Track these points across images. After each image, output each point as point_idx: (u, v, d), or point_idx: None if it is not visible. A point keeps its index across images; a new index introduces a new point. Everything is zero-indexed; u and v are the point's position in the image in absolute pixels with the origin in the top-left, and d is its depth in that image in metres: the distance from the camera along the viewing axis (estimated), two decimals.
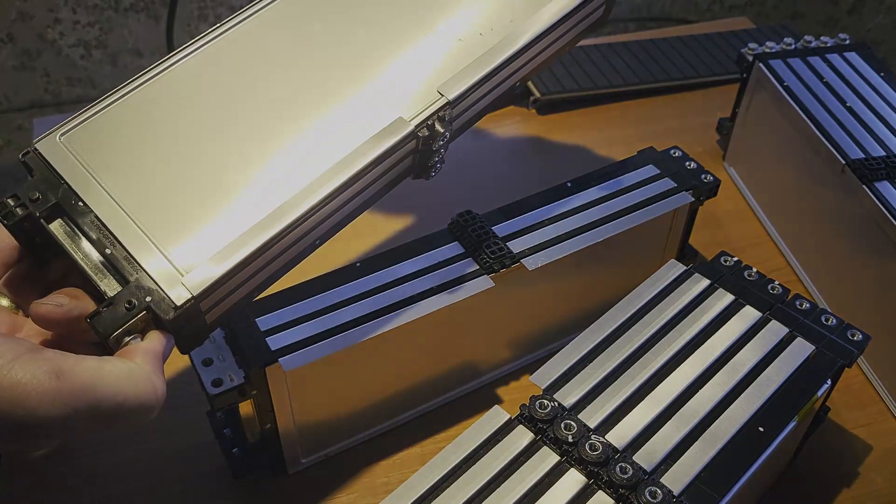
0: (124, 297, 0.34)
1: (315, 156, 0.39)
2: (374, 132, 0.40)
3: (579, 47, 0.89)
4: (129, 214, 0.36)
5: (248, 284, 0.39)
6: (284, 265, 0.40)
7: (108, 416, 0.31)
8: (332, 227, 0.42)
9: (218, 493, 0.50)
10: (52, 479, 0.51)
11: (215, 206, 0.37)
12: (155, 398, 0.33)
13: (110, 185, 0.36)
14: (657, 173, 0.58)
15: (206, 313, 0.37)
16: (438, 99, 0.41)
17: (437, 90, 0.41)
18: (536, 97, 0.83)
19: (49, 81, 1.59)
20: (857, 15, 1.63)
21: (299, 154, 0.39)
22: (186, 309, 0.35)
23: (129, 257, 0.35)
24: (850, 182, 0.59)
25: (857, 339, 0.46)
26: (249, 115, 0.40)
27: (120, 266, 0.35)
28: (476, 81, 0.42)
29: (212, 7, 1.63)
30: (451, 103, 0.41)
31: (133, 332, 0.34)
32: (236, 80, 0.41)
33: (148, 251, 0.35)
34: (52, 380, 0.30)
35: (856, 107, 0.65)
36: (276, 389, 0.45)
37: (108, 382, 0.31)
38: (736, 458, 0.40)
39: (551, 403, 0.41)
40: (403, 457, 0.53)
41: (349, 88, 0.42)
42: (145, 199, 0.37)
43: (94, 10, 1.53)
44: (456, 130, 0.45)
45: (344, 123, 0.40)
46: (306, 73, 0.42)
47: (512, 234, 0.52)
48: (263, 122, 0.40)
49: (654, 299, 0.48)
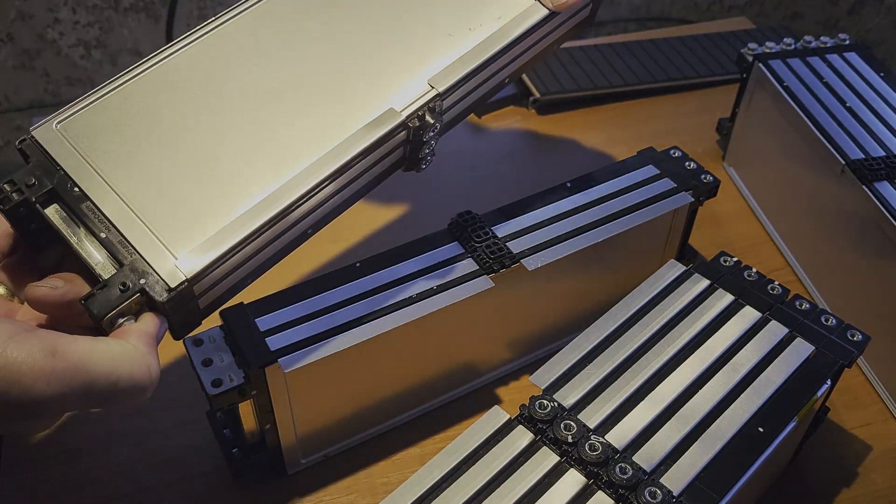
0: (118, 279, 0.34)
1: (307, 145, 0.40)
2: (366, 122, 0.41)
3: (579, 47, 0.89)
4: (124, 200, 0.37)
5: (241, 270, 0.39)
6: (277, 252, 0.41)
7: (102, 395, 0.32)
8: (324, 217, 0.42)
9: (218, 493, 0.50)
10: (52, 479, 0.51)
11: (209, 193, 0.38)
12: (149, 378, 0.33)
13: (106, 172, 0.37)
14: (657, 173, 0.58)
15: (199, 297, 0.37)
16: (429, 91, 0.42)
17: (428, 82, 0.43)
18: (536, 97, 0.83)
19: (49, 81, 1.59)
20: (857, 15, 1.63)
21: (292, 143, 0.40)
22: (180, 291, 0.35)
23: (125, 241, 0.35)
24: (850, 182, 0.59)
25: (856, 339, 0.46)
26: (243, 106, 0.41)
27: (115, 250, 0.35)
28: (466, 74, 0.43)
29: (211, 7, 1.63)
30: (441, 95, 0.42)
31: (127, 314, 0.34)
32: (230, 72, 0.42)
33: (143, 235, 0.36)
34: (47, 358, 0.30)
35: (856, 107, 0.65)
36: (276, 390, 0.45)
37: (102, 361, 0.32)
38: (736, 459, 0.40)
39: (551, 404, 0.41)
40: (403, 457, 0.53)
41: (342, 81, 0.42)
42: (140, 185, 0.37)
43: (93, 10, 1.53)
44: (446, 123, 0.46)
45: (336, 114, 0.41)
46: (299, 65, 0.43)
47: (512, 234, 0.52)
48: (256, 112, 0.41)
49: (654, 299, 0.48)
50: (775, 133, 0.69)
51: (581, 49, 0.89)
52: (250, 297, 0.48)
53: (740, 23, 1.00)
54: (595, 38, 0.96)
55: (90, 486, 0.50)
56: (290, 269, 0.64)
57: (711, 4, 1.62)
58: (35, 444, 0.52)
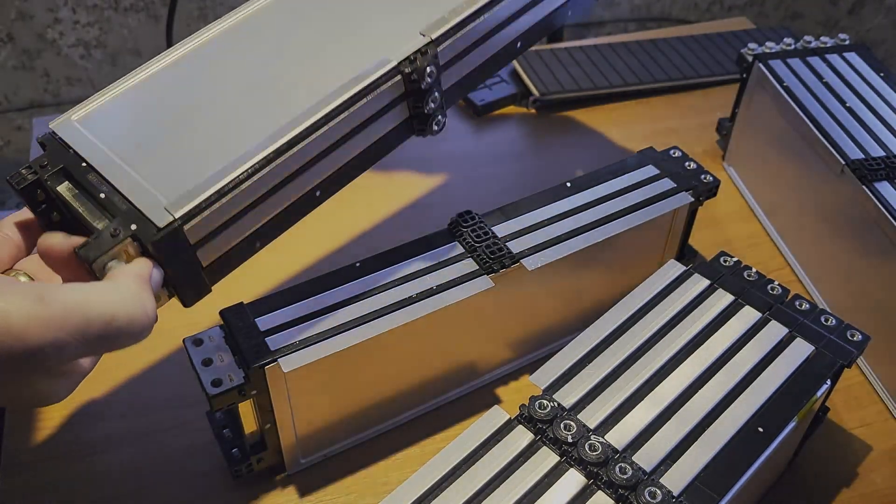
0: (111, 227, 0.35)
1: (302, 98, 0.41)
2: (359, 73, 0.42)
3: (579, 47, 0.89)
4: (126, 165, 0.38)
5: (244, 223, 0.39)
6: (285, 212, 0.41)
7: (99, 336, 0.32)
8: (330, 176, 0.42)
9: (218, 493, 0.50)
10: (52, 479, 0.51)
11: (207, 151, 0.39)
12: (144, 314, 0.33)
13: (113, 148, 0.39)
14: (657, 173, 0.58)
15: (196, 247, 0.37)
16: (421, 39, 0.43)
17: (420, 32, 0.43)
18: (536, 97, 0.83)
19: (49, 81, 1.59)
20: (857, 15, 1.63)
21: (287, 100, 0.41)
22: (170, 233, 0.36)
23: (122, 197, 0.37)
24: (850, 182, 0.59)
25: (856, 339, 0.46)
26: (244, 78, 0.42)
27: (111, 206, 0.37)
28: (459, 22, 0.44)
29: (211, 7, 1.63)
30: (434, 42, 0.43)
31: (119, 258, 0.35)
32: (233, 56, 0.44)
33: (135, 186, 0.37)
34: (35, 304, 0.30)
35: (855, 107, 0.65)
36: (276, 390, 0.45)
37: (93, 301, 0.32)
38: (736, 459, 0.40)
39: (551, 403, 0.41)
40: (403, 457, 0.53)
41: (337, 43, 0.44)
42: (144, 155, 0.39)
43: (93, 10, 1.53)
44: (455, 86, 0.46)
45: (332, 74, 0.42)
46: (296, 34, 0.44)
47: (512, 234, 0.52)
48: (257, 83, 0.42)
49: (654, 299, 0.48)
50: (775, 133, 0.69)
51: (581, 49, 0.89)
52: (250, 296, 0.48)
53: (740, 23, 1.00)
54: (595, 38, 0.96)
55: (90, 486, 0.50)
56: (290, 269, 0.64)
57: (711, 4, 1.62)
58: (35, 443, 0.52)
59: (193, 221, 0.36)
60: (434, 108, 0.45)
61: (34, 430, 0.53)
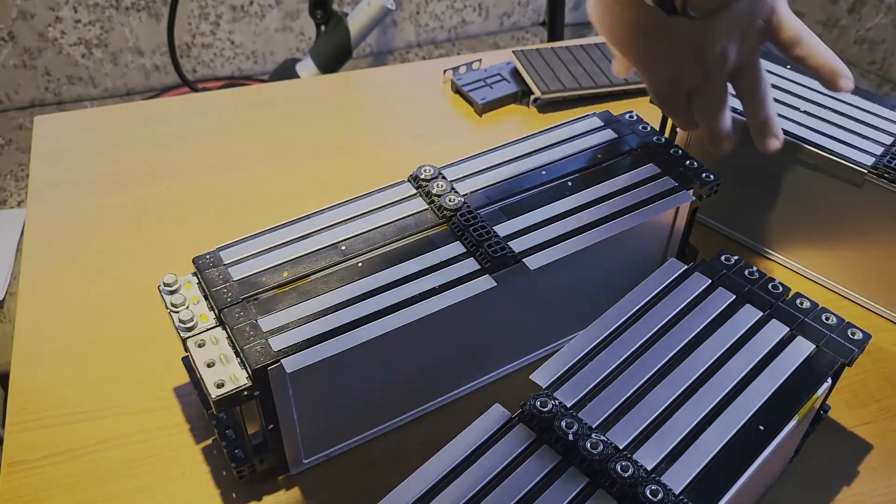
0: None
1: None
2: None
3: (580, 46, 0.89)
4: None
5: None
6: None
7: None
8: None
9: (220, 493, 0.50)
10: (52, 479, 0.51)
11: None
12: None
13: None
14: (658, 172, 0.58)
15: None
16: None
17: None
18: (537, 96, 0.83)
19: (50, 80, 1.59)
20: (857, 15, 1.62)
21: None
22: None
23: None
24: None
25: (857, 337, 0.46)
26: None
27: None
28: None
29: (212, 6, 1.63)
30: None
31: None
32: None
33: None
34: None
35: None
36: (279, 390, 0.45)
37: None
38: (736, 457, 0.40)
39: (552, 402, 0.41)
40: (405, 456, 0.53)
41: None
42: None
43: (94, 9, 1.53)
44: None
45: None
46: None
47: (513, 233, 0.53)
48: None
49: (655, 298, 0.48)
50: None
51: (582, 48, 0.89)
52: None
53: None
54: (596, 37, 0.96)
55: (91, 486, 0.50)
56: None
57: None
58: (35, 443, 0.53)
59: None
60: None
61: (34, 430, 0.53)
